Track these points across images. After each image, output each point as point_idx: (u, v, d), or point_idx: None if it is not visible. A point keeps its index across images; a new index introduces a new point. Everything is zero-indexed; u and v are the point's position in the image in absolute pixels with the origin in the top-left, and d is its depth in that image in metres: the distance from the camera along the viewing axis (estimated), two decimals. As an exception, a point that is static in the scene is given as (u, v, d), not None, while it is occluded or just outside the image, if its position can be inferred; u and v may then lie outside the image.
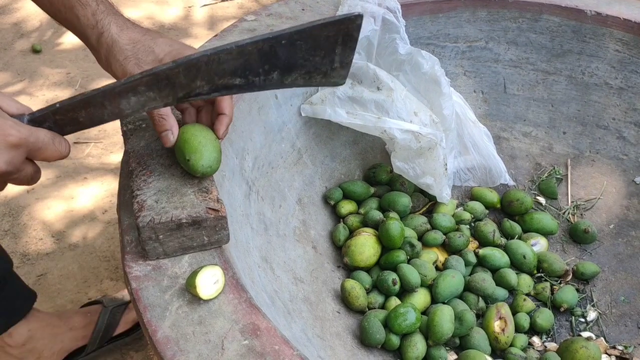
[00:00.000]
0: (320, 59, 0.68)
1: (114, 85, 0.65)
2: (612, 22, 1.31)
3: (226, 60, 0.66)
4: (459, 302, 1.12)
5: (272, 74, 0.68)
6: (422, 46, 1.35)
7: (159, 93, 0.67)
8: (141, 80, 0.65)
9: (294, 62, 0.68)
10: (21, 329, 1.11)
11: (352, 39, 0.68)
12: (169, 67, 0.65)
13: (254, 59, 0.66)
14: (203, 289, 0.68)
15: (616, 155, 1.36)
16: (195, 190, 0.75)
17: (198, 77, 0.67)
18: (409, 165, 1.20)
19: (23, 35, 2.33)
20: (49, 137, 0.65)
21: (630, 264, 1.23)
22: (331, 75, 0.71)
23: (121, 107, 0.67)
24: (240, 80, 0.68)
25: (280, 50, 0.66)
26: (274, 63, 0.67)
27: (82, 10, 0.78)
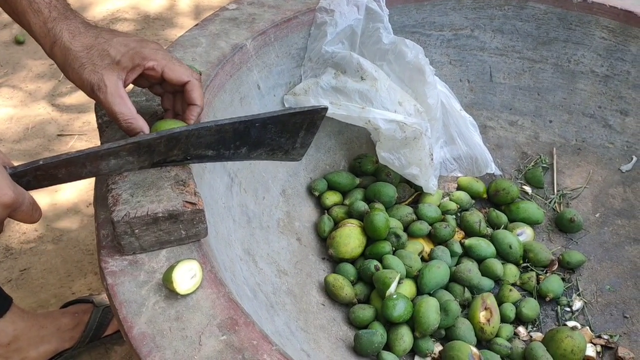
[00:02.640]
0: (285, 140, 0.79)
1: (98, 149, 0.68)
2: (598, 10, 1.30)
3: (205, 135, 0.72)
4: (445, 292, 1.11)
5: (241, 149, 0.77)
6: (407, 35, 1.33)
7: (137, 158, 0.71)
8: (124, 146, 0.69)
9: (262, 141, 0.77)
10: (6, 329, 1.10)
11: (315, 126, 0.80)
12: (152, 137, 0.70)
13: (229, 136, 0.74)
14: (180, 283, 0.67)
15: (602, 144, 1.36)
16: (172, 184, 0.73)
17: (176, 148, 0.72)
18: (395, 156, 1.19)
19: (5, 26, 2.30)
20: (32, 203, 0.66)
21: (615, 253, 1.22)
22: (291, 153, 0.82)
23: (100, 168, 0.70)
24: (212, 152, 0.76)
25: (252, 131, 0.75)
26: (245, 140, 0.76)
27: (34, 18, 0.75)
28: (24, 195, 0.65)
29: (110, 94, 0.73)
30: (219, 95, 1.03)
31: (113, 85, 0.73)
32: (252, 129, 0.74)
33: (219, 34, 1.12)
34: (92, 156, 0.67)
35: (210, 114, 0.99)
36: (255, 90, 1.13)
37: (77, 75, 0.74)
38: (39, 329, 1.15)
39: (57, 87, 2.01)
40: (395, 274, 1.06)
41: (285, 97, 1.20)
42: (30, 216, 0.67)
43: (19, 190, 0.63)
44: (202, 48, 1.07)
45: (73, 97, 1.96)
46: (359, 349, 0.98)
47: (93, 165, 0.69)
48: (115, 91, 0.73)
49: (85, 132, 1.82)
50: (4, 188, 0.61)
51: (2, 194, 0.61)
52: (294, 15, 1.19)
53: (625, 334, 1.09)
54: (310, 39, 1.20)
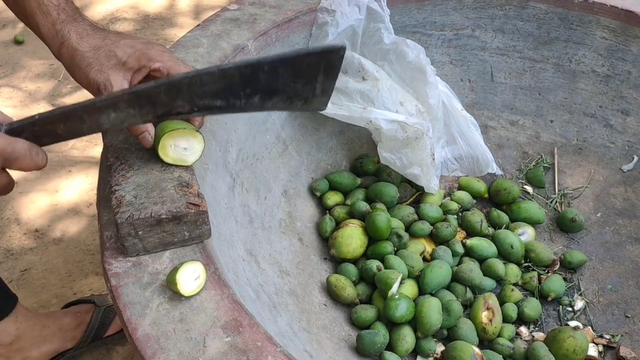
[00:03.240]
0: (302, 86, 0.69)
1: (94, 101, 0.65)
2: (599, 9, 1.30)
3: (208, 82, 0.66)
4: (447, 293, 1.11)
5: (253, 97, 0.69)
6: (408, 34, 1.33)
7: (139, 110, 0.67)
8: (122, 97, 0.65)
9: (276, 87, 0.69)
10: (9, 328, 1.10)
11: (334, 68, 0.69)
12: (150, 86, 0.65)
13: (236, 82, 0.67)
14: (184, 285, 0.67)
15: (603, 144, 1.36)
16: (175, 185, 0.73)
17: (179, 97, 0.67)
18: (396, 156, 1.19)
19: (5, 26, 2.29)
20: (26, 147, 0.64)
21: (617, 253, 1.23)
22: (312, 101, 0.72)
23: (100, 122, 0.67)
24: (221, 102, 0.69)
25: (262, 76, 0.67)
26: (256, 87, 0.68)
27: (42, 20, 0.76)
28: (14, 143, 0.63)
29: None
30: (220, 96, 1.03)
31: (119, 85, 0.75)
32: (261, 74, 0.67)
33: (221, 34, 1.12)
34: (89, 108, 0.65)
35: (212, 114, 0.99)
36: (256, 91, 1.13)
37: (83, 75, 0.75)
38: (42, 328, 1.15)
39: (57, 87, 2.01)
40: (397, 275, 1.06)
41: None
42: (31, 161, 0.65)
43: (3, 139, 0.62)
44: (203, 49, 1.07)
45: (73, 97, 1.96)
46: (361, 349, 0.98)
47: (92, 119, 0.66)
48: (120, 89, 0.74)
49: (86, 132, 1.82)
50: None
51: None
52: (295, 16, 1.19)
53: (627, 334, 1.10)
54: (311, 39, 1.20)
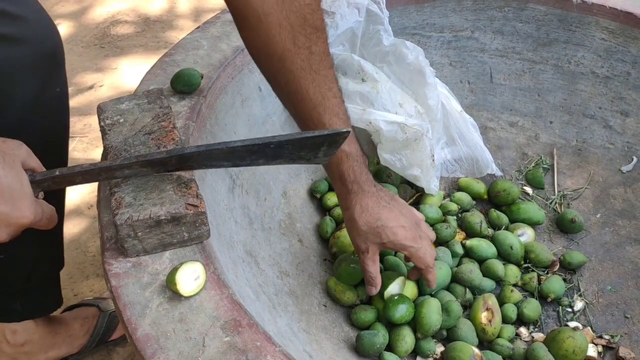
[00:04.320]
0: (305, 154, 0.77)
1: (110, 164, 0.71)
2: (598, 11, 1.31)
3: (216, 155, 0.73)
4: (446, 293, 1.12)
5: (258, 160, 0.76)
6: (407, 36, 1.34)
7: (150, 169, 0.73)
8: (136, 162, 0.71)
9: (280, 155, 0.76)
10: (28, 330, 1.10)
11: (337, 144, 0.77)
12: (163, 157, 0.71)
13: (242, 153, 0.74)
14: (183, 285, 0.68)
15: (603, 145, 1.36)
16: (174, 186, 0.74)
17: (189, 162, 0.74)
18: (396, 157, 1.19)
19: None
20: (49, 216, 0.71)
21: (617, 253, 1.23)
22: (314, 161, 0.79)
23: (115, 176, 0.73)
24: (227, 164, 0.76)
25: (268, 150, 0.74)
26: (261, 155, 0.75)
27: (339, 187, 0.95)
28: (42, 212, 0.69)
29: (370, 259, 0.96)
30: (220, 98, 1.04)
31: (373, 254, 0.96)
32: (267, 149, 0.73)
33: (220, 36, 1.12)
34: (105, 170, 0.71)
35: (212, 116, 1.00)
36: (256, 92, 1.14)
37: (354, 233, 0.95)
38: (54, 335, 1.15)
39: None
40: (396, 276, 1.06)
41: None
42: (46, 225, 0.72)
43: (38, 208, 0.68)
44: (203, 50, 1.08)
45: (74, 100, 1.96)
46: (361, 350, 0.99)
47: (107, 175, 0.72)
48: (373, 257, 0.96)
49: (86, 134, 1.82)
50: (25, 211, 0.65)
51: (22, 217, 0.65)
52: (295, 18, 1.19)
53: (627, 334, 1.10)
54: (311, 41, 1.20)
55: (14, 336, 1.09)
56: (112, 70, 2.10)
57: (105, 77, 2.08)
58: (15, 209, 0.65)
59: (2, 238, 0.65)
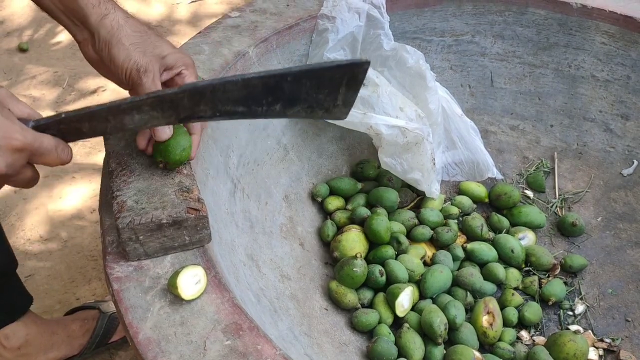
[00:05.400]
0: (324, 97, 0.70)
1: (120, 103, 0.66)
2: (598, 15, 1.31)
3: (231, 90, 0.67)
4: (447, 297, 1.12)
5: (275, 105, 0.70)
6: (408, 40, 1.34)
7: (162, 113, 0.68)
8: (146, 101, 0.66)
9: (298, 97, 0.69)
10: (19, 333, 1.11)
11: (357, 81, 0.70)
12: (174, 92, 0.66)
13: (259, 91, 0.68)
14: (185, 289, 0.68)
15: (603, 148, 1.36)
16: (175, 190, 0.74)
17: (202, 103, 0.68)
18: (397, 161, 1.20)
19: (9, 34, 2.31)
20: (53, 144, 0.66)
21: (617, 257, 1.23)
22: (333, 111, 0.72)
23: (124, 122, 0.68)
24: (242, 109, 0.69)
25: (285, 86, 0.68)
26: (278, 96, 0.69)
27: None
28: (41, 139, 0.64)
29: (152, 80, 0.76)
30: (222, 102, 1.04)
31: (156, 73, 0.76)
32: (284, 84, 0.68)
33: (222, 41, 1.13)
34: (114, 110, 0.67)
35: (214, 120, 1.00)
36: (257, 97, 1.14)
37: (124, 52, 0.75)
38: (51, 335, 1.16)
39: (61, 94, 2.02)
40: (405, 286, 1.06)
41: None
42: (57, 157, 0.67)
43: (30, 134, 0.63)
44: (205, 55, 1.08)
45: (77, 104, 1.97)
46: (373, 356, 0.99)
47: (117, 120, 0.68)
48: (156, 79, 0.76)
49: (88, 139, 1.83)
50: (12, 132, 0.60)
51: (10, 139, 0.60)
52: (295, 23, 1.20)
53: (627, 337, 1.10)
54: (311, 45, 1.21)
55: (8, 341, 1.10)
56: (114, 74, 2.10)
57: (108, 82, 2.08)
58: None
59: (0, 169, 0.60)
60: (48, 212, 1.59)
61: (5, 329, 1.09)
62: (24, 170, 0.65)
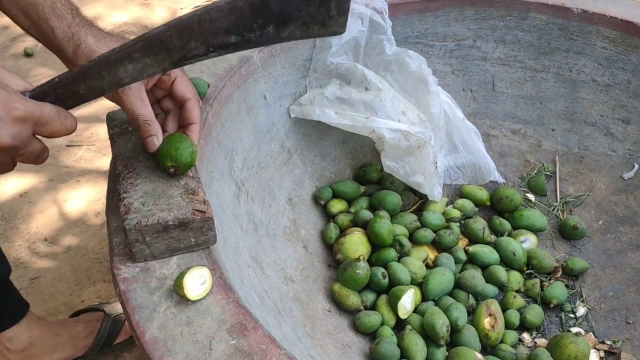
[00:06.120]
0: (316, 8, 0.67)
1: (109, 54, 0.65)
2: (599, 20, 1.32)
3: (218, 18, 0.65)
4: (449, 299, 1.13)
5: (267, 28, 0.67)
6: (410, 45, 1.35)
7: (154, 58, 0.67)
8: (134, 46, 0.65)
9: (289, 13, 0.66)
10: (22, 335, 1.12)
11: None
12: (160, 30, 0.65)
13: (247, 14, 0.66)
14: (190, 289, 0.69)
15: (604, 152, 1.37)
16: (181, 192, 0.75)
17: (192, 38, 0.66)
18: (399, 164, 1.21)
19: (14, 39, 2.33)
20: (55, 111, 0.65)
21: (619, 260, 1.24)
22: (329, 24, 0.69)
23: (119, 76, 0.67)
24: (235, 38, 0.67)
25: (272, 3, 0.65)
26: (268, 16, 0.66)
27: (57, 23, 0.77)
28: (42, 107, 0.64)
29: (134, 97, 0.76)
30: (226, 106, 1.05)
31: (136, 89, 0.77)
32: (270, 1, 0.65)
33: (226, 46, 1.14)
34: (105, 63, 0.66)
35: (218, 124, 1.01)
36: (261, 101, 1.16)
37: None
38: (54, 337, 1.17)
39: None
40: (407, 288, 1.07)
41: (291, 107, 1.22)
42: (61, 124, 0.66)
43: (30, 102, 0.62)
44: (209, 60, 1.09)
45: (81, 109, 1.99)
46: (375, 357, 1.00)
47: (111, 74, 0.67)
48: (138, 94, 0.77)
49: (94, 142, 1.85)
50: (12, 102, 0.60)
51: (11, 108, 0.59)
52: (299, 27, 1.21)
53: (628, 340, 1.10)
54: (315, 50, 1.22)
55: (11, 343, 1.11)
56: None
57: (112, 86, 2.10)
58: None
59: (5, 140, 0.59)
60: (53, 215, 1.60)
61: (8, 332, 1.10)
62: (31, 142, 0.64)
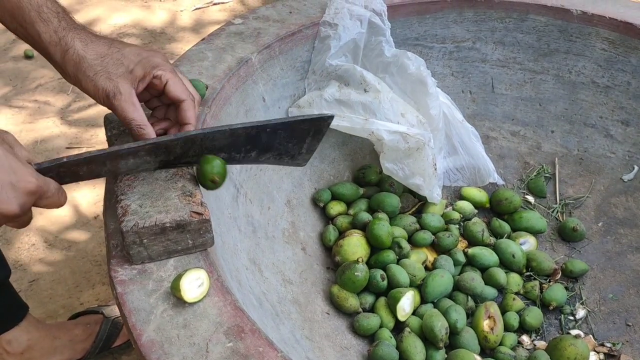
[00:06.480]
0: (292, 145, 0.83)
1: (119, 149, 0.71)
2: (598, 21, 1.32)
3: (219, 138, 0.76)
4: (448, 301, 1.12)
5: (251, 152, 0.81)
6: (409, 47, 1.35)
7: (154, 158, 0.74)
8: (144, 147, 0.72)
9: (272, 145, 0.81)
10: (20, 337, 1.11)
11: (321, 133, 0.84)
12: (170, 139, 0.73)
13: (241, 140, 0.78)
14: (187, 292, 0.69)
15: (604, 154, 1.37)
16: (179, 195, 0.75)
17: (191, 149, 0.76)
18: (398, 166, 1.21)
19: (15, 41, 2.33)
20: (57, 188, 0.69)
21: (618, 262, 1.23)
22: (297, 158, 0.86)
23: (118, 167, 0.73)
24: (224, 155, 0.79)
25: (263, 135, 0.79)
26: (256, 144, 0.80)
27: (43, 27, 0.76)
28: (49, 183, 0.67)
29: (125, 101, 0.76)
30: (225, 108, 1.05)
31: (127, 93, 0.77)
32: (262, 134, 0.78)
33: (225, 48, 1.14)
34: (112, 155, 0.71)
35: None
36: (260, 103, 1.16)
37: (91, 83, 0.76)
38: (53, 339, 1.16)
39: (66, 100, 2.04)
40: (406, 290, 1.07)
41: (289, 109, 1.22)
42: (57, 201, 0.70)
43: (42, 179, 0.66)
44: (208, 62, 1.10)
45: (81, 111, 1.99)
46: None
47: (112, 164, 0.72)
48: (129, 99, 0.77)
49: (94, 145, 1.84)
50: (28, 176, 0.64)
51: (26, 182, 0.63)
52: (298, 29, 1.21)
53: (628, 342, 1.10)
54: (314, 52, 1.22)
55: (10, 346, 1.11)
56: (118, 81, 2.12)
57: (111, 88, 2.10)
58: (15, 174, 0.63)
59: (13, 209, 0.63)
60: (52, 217, 1.60)
61: (7, 335, 1.09)
62: (29, 212, 0.68)
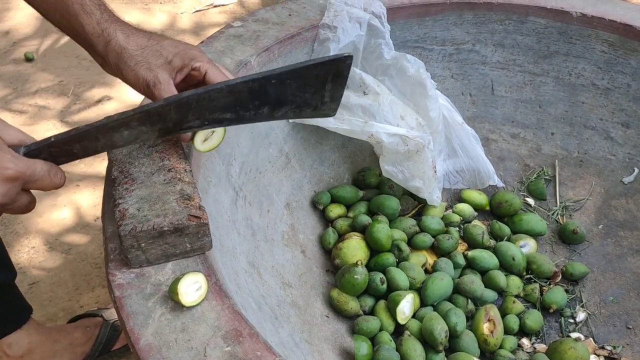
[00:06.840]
0: (311, 95, 0.71)
1: (107, 121, 0.68)
2: (598, 23, 1.32)
3: (217, 97, 0.69)
4: (448, 304, 1.12)
5: (262, 108, 0.72)
6: (409, 49, 1.35)
7: (150, 127, 0.70)
8: (133, 116, 0.68)
9: (284, 98, 0.71)
10: (21, 341, 1.12)
11: (342, 76, 0.71)
12: (160, 104, 0.68)
13: (244, 96, 0.70)
14: (185, 295, 0.69)
15: (604, 156, 1.37)
16: (177, 198, 0.75)
17: (189, 113, 0.70)
18: (398, 169, 1.20)
19: (15, 44, 2.33)
20: (46, 169, 0.67)
21: (619, 264, 1.23)
22: (321, 108, 0.74)
23: (114, 140, 0.70)
24: (230, 115, 0.71)
25: (270, 89, 0.69)
26: (264, 99, 0.71)
27: (87, 19, 0.80)
28: (34, 165, 0.66)
29: (164, 90, 0.79)
30: (224, 111, 1.05)
31: (166, 83, 0.79)
32: (269, 87, 0.69)
33: (224, 50, 1.14)
34: (102, 129, 0.68)
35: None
36: (259, 106, 1.15)
37: (132, 73, 0.80)
38: (53, 343, 1.16)
39: (66, 103, 2.04)
40: (405, 294, 1.07)
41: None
42: (50, 181, 0.68)
43: (22, 162, 0.64)
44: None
45: (81, 113, 1.99)
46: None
47: (107, 138, 0.70)
48: (167, 88, 0.79)
49: (93, 147, 1.85)
50: (4, 162, 0.62)
51: (3, 169, 0.61)
52: (297, 32, 1.21)
53: (628, 345, 1.10)
54: (313, 54, 1.22)
55: (10, 349, 1.11)
56: (119, 84, 2.12)
57: (112, 91, 2.11)
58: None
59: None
60: (52, 220, 1.60)
61: (8, 338, 1.10)
62: (20, 197, 0.66)
